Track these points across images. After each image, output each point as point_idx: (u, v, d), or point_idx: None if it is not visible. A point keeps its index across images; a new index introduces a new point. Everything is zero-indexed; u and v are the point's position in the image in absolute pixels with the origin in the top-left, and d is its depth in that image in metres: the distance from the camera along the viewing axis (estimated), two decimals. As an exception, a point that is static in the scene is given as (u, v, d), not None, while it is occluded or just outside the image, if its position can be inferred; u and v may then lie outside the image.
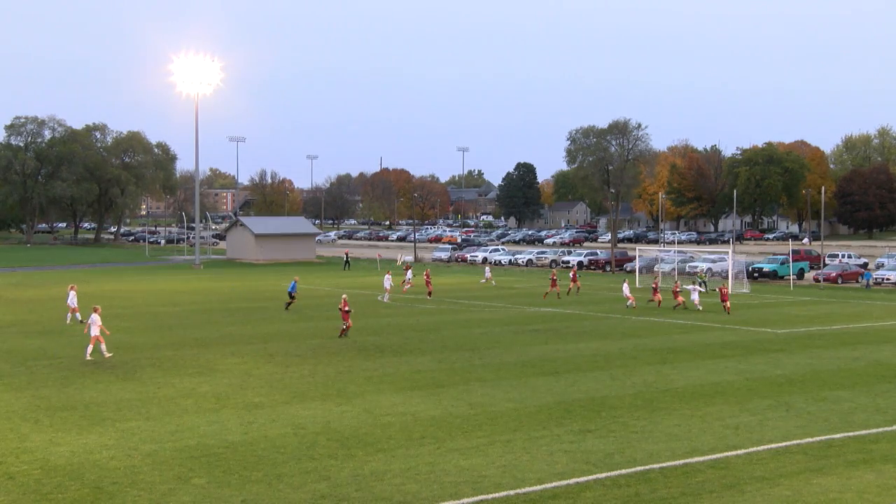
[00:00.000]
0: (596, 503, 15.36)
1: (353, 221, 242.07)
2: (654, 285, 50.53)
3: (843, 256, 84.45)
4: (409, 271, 60.60)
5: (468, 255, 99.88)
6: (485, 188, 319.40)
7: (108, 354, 30.67)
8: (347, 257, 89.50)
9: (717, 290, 49.32)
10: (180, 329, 38.87)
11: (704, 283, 58.10)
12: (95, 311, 30.93)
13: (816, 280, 69.35)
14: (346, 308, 36.01)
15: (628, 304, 49.08)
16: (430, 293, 53.99)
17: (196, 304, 50.41)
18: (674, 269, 69.16)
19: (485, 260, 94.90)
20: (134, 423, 21.09)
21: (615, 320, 43.03)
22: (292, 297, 47.53)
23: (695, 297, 48.31)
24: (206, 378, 26.96)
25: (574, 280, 58.11)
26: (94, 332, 30.41)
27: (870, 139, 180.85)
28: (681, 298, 48.50)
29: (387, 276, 54.21)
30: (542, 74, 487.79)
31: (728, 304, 46.67)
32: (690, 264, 76.14)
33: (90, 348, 30.53)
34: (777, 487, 16.20)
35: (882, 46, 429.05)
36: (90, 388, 25.24)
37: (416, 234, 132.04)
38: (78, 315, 40.39)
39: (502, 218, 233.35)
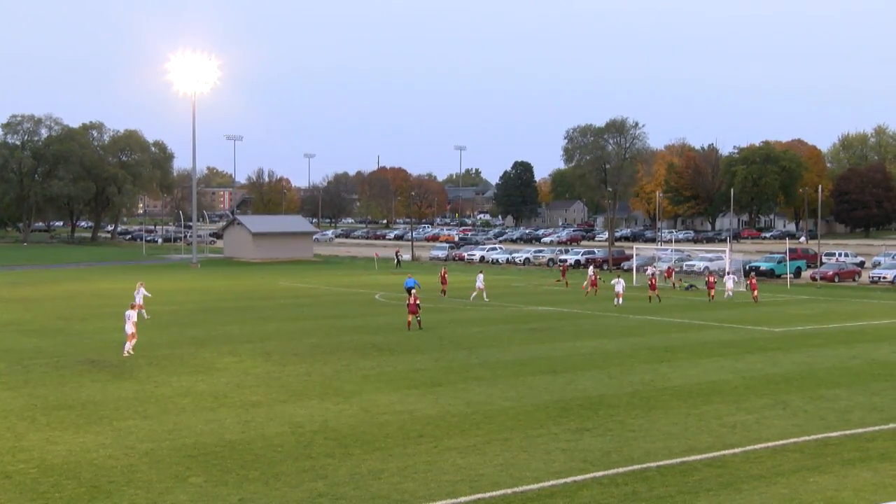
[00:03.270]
0: (593, 502, 15.37)
1: (350, 220, 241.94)
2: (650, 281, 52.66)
3: (839, 255, 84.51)
4: (592, 268, 61.32)
5: (465, 254, 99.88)
6: (482, 187, 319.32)
7: (128, 353, 30.93)
8: (398, 256, 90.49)
9: (706, 280, 55.04)
10: (177, 328, 38.85)
11: (688, 287, 60.63)
12: (133, 308, 31.72)
13: (813, 279, 69.42)
14: (417, 302, 38.19)
15: (616, 301, 49.46)
16: (443, 291, 54.17)
17: (193, 303, 50.39)
18: (671, 267, 69.18)
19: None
20: (131, 421, 21.08)
21: (612, 319, 43.07)
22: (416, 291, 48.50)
23: (729, 284, 55.32)
24: (204, 377, 26.96)
25: (594, 283, 56.34)
26: (130, 329, 30.99)
27: (866, 138, 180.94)
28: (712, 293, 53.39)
29: (479, 274, 54.60)
30: (540, 73, 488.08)
31: (713, 292, 53.16)
32: (687, 263, 76.20)
33: (129, 344, 31.06)
34: (774, 486, 16.23)
35: (879, 45, 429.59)
36: (87, 387, 25.23)
37: (414, 232, 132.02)
38: (143, 312, 40.92)
39: (500, 216, 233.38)
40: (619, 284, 50.90)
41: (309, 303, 50.72)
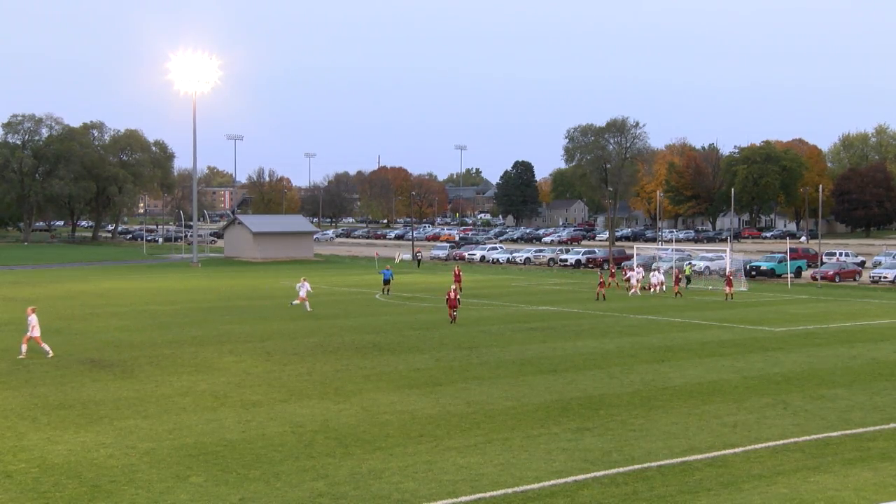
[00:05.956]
0: (594, 501, 15.36)
1: (351, 220, 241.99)
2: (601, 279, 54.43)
3: (840, 255, 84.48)
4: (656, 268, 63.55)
5: (466, 254, 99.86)
6: (483, 186, 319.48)
7: (44, 355, 30.16)
8: (419, 255, 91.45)
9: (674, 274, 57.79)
10: (178, 327, 38.85)
11: (688, 278, 63.07)
12: (33, 311, 30.62)
13: (814, 278, 69.40)
14: (458, 297, 40.86)
15: (654, 290, 55.32)
16: (459, 289, 54.40)
17: (194, 303, 50.39)
18: (672, 266, 69.24)
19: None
20: (132, 421, 21.08)
21: (613, 318, 43.05)
22: (387, 282, 55.38)
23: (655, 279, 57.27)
24: (204, 376, 26.95)
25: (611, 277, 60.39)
26: (36, 332, 30.18)
27: (867, 137, 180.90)
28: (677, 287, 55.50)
29: (639, 268, 58.34)
30: (541, 73, 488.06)
31: (677, 287, 55.19)
32: (687, 262, 76.17)
33: (24, 347, 30.34)
34: (775, 485, 16.22)
35: (880, 45, 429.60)
36: (88, 387, 25.23)
37: (414, 232, 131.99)
38: (307, 304, 44.78)
39: (500, 216, 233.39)
40: (649, 275, 56.91)
41: (309, 302, 50.68)
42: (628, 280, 58.76)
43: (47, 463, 17.56)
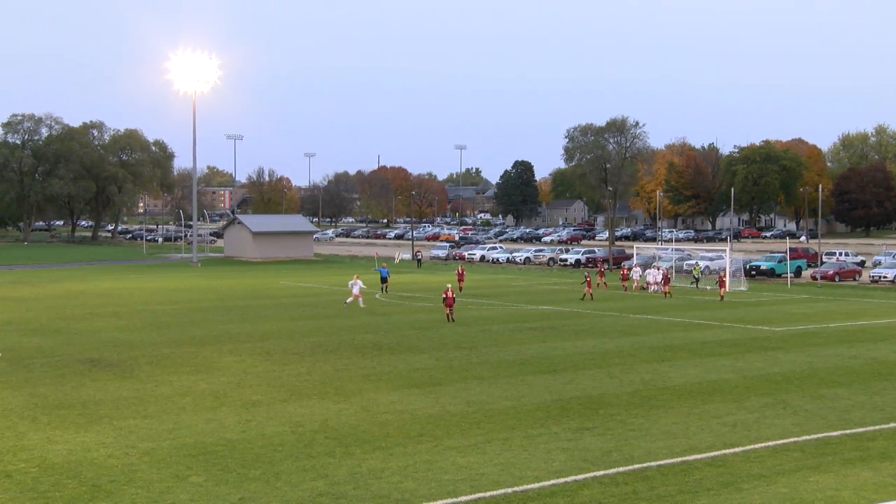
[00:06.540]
0: (594, 501, 15.37)
1: (350, 219, 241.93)
2: (588, 278, 54.16)
3: (840, 254, 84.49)
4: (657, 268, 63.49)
5: (466, 253, 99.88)
6: (483, 186, 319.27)
7: None
8: (419, 255, 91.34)
9: (663, 273, 57.43)
10: (178, 327, 38.85)
11: (697, 279, 62.94)
12: None
13: (814, 278, 69.37)
14: (453, 295, 41.36)
15: (655, 289, 55.56)
16: (460, 289, 54.43)
17: (194, 302, 50.39)
18: (671, 266, 69.26)
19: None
20: (131, 421, 21.09)
21: (613, 318, 43.06)
22: (384, 281, 55.85)
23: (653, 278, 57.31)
24: (204, 376, 26.96)
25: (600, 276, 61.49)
26: None
27: (867, 137, 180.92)
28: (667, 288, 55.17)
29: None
30: (541, 73, 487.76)
31: (667, 288, 54.49)
32: (688, 262, 76.20)
33: None
34: (774, 485, 16.22)
35: (879, 44, 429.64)
36: (87, 386, 25.23)
37: (414, 231, 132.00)
38: (360, 300, 46.51)
39: (500, 216, 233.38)
40: (657, 273, 57.29)
41: (309, 302, 50.71)
42: (628, 279, 59.35)
43: (47, 462, 17.56)
